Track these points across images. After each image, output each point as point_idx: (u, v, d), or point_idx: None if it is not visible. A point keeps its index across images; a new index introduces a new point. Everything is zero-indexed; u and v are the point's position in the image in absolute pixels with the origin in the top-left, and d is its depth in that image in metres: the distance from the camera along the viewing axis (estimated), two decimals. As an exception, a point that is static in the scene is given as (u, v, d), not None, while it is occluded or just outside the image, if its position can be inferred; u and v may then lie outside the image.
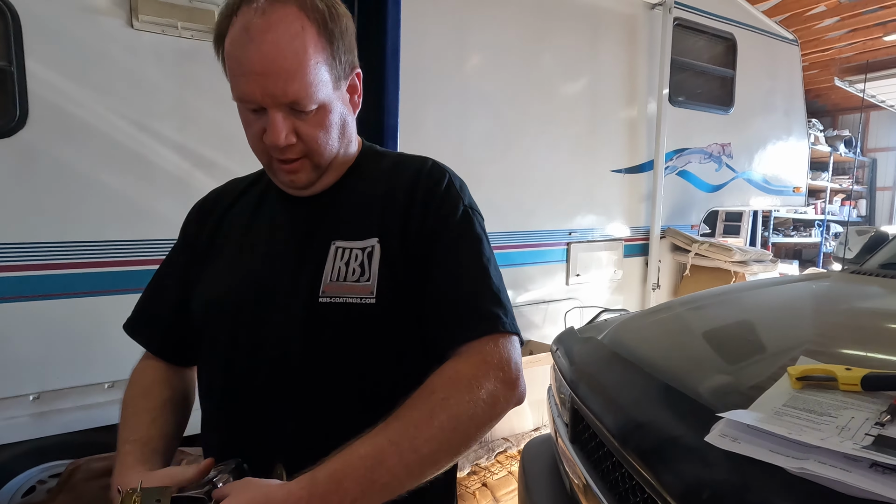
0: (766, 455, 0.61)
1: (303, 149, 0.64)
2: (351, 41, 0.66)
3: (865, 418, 0.64)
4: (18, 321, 1.63)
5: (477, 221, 0.71)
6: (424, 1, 2.18)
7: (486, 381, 0.58)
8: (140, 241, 1.79)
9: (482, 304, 0.63)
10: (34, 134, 1.60)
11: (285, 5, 0.59)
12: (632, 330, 1.26)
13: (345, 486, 0.51)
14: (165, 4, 1.75)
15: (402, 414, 0.57)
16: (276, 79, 0.58)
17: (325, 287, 0.64)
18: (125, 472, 0.59)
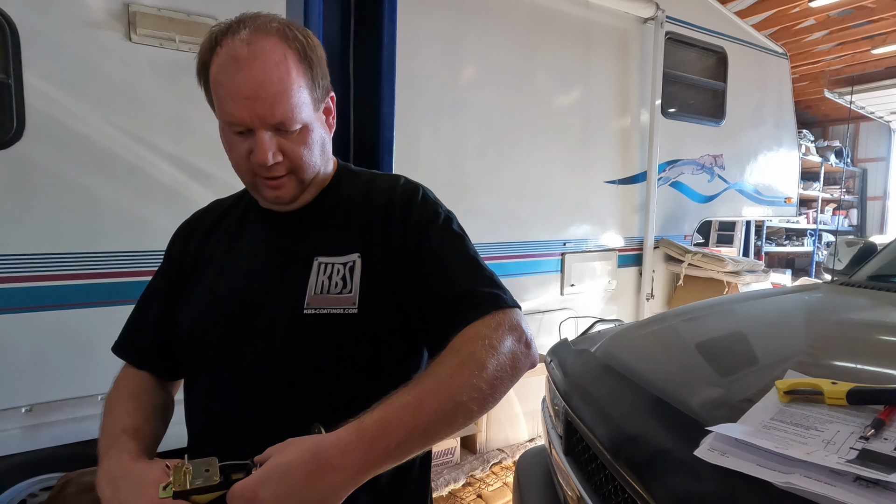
0: (754, 469, 0.62)
1: (288, 166, 0.67)
2: (325, 68, 0.71)
3: (850, 432, 0.66)
4: (11, 333, 1.63)
5: (455, 222, 0.75)
6: (419, 15, 2.22)
7: (505, 338, 0.62)
8: (135, 253, 1.79)
9: (482, 289, 0.66)
10: (31, 146, 1.60)
11: (267, 36, 0.63)
12: (624, 342, 1.27)
13: (390, 430, 0.54)
14: (163, 18, 1.77)
15: (434, 369, 0.60)
16: (263, 102, 0.62)
17: (310, 300, 0.67)
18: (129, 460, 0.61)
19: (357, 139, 1.45)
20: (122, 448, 0.64)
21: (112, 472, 0.61)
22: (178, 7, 1.79)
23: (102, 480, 0.62)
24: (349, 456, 0.52)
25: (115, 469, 0.61)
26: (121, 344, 0.81)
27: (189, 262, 0.78)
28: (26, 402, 1.66)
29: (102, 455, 0.65)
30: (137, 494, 0.57)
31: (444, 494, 2.25)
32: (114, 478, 0.60)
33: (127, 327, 0.82)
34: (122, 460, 0.62)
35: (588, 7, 2.80)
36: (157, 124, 1.81)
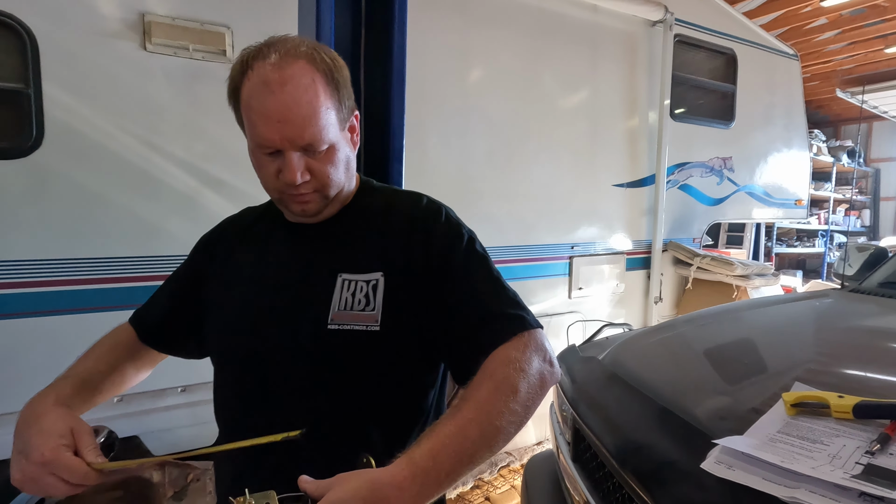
0: (760, 483, 0.63)
1: (315, 185, 0.70)
2: (350, 88, 0.73)
3: (856, 446, 0.66)
4: (30, 336, 1.67)
5: (478, 243, 0.76)
6: (426, 22, 2.23)
7: (532, 360, 0.65)
8: (149, 258, 1.82)
9: (506, 310, 0.69)
10: (49, 154, 1.64)
11: (297, 60, 0.65)
12: (631, 351, 1.28)
13: (440, 461, 0.56)
14: (177, 27, 1.80)
15: (471, 395, 0.62)
16: (293, 125, 0.65)
17: (334, 315, 0.69)
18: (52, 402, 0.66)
19: (367, 148, 1.47)
20: (61, 389, 0.69)
21: (34, 405, 0.66)
22: (191, 16, 1.82)
23: (26, 409, 0.66)
24: (405, 491, 0.53)
25: (38, 404, 0.66)
26: (136, 315, 0.87)
27: (219, 265, 0.81)
28: (44, 404, 1.70)
29: (48, 386, 0.71)
30: (41, 441, 0.60)
31: (453, 497, 2.27)
32: (32, 412, 0.65)
33: (145, 304, 0.88)
34: (47, 399, 0.67)
35: (596, 11, 2.80)
36: (171, 131, 1.84)
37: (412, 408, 0.75)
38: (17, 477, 0.63)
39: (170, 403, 1.89)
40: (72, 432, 0.62)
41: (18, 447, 0.63)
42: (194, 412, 1.94)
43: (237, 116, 0.71)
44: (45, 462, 0.59)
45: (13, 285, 1.64)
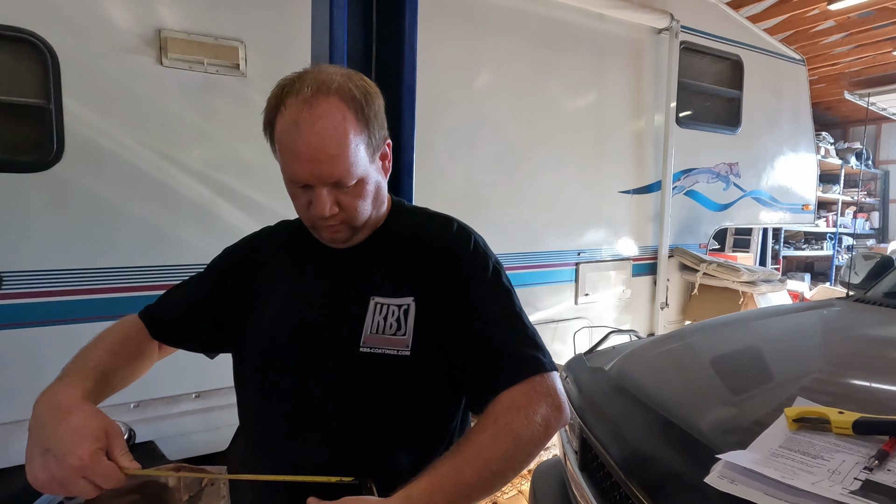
0: (762, 498, 0.65)
1: (343, 216, 0.72)
2: (383, 118, 0.74)
3: (855, 462, 0.69)
4: (51, 344, 1.71)
5: (503, 276, 0.78)
6: (435, 32, 2.26)
7: (539, 407, 0.66)
8: (164, 267, 1.87)
9: (523, 350, 0.70)
10: (69, 168, 1.69)
11: (328, 97, 0.66)
12: (637, 362, 1.31)
13: (435, 500, 0.59)
14: (192, 42, 1.84)
15: (472, 438, 0.65)
16: (321, 164, 0.66)
17: (366, 338, 0.72)
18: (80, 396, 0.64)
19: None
20: (83, 381, 0.67)
21: (59, 398, 0.63)
22: (206, 31, 1.87)
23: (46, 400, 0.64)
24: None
25: (63, 397, 0.63)
26: (149, 311, 0.85)
27: (251, 279, 0.82)
28: (64, 410, 1.74)
29: (62, 376, 0.69)
30: (76, 442, 0.58)
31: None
32: (56, 406, 0.62)
33: (160, 299, 0.87)
34: (74, 392, 0.64)
35: (602, 20, 2.83)
36: (185, 144, 1.88)
37: (438, 431, 0.77)
38: (42, 477, 0.59)
39: (184, 409, 1.94)
40: (105, 434, 0.61)
41: (43, 443, 0.60)
42: (207, 418, 1.98)
43: (271, 146, 0.72)
44: (82, 466, 0.58)
45: (34, 294, 1.69)
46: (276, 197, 2.03)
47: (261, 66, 1.96)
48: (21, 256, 1.66)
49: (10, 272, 1.64)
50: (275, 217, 1.98)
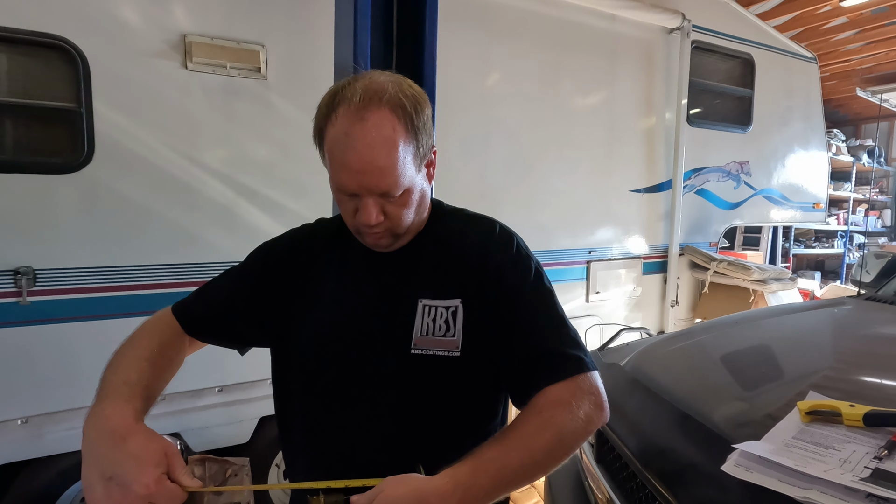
0: (776, 484, 0.69)
1: (388, 224, 0.73)
2: (431, 126, 0.74)
3: (865, 452, 0.73)
4: (82, 339, 1.78)
5: (545, 277, 0.80)
6: (448, 35, 2.30)
7: (583, 403, 0.69)
8: (188, 265, 1.93)
9: (567, 350, 0.73)
10: (99, 169, 1.75)
11: (379, 108, 0.66)
12: (652, 358, 1.35)
13: (479, 481, 0.62)
14: (216, 47, 1.90)
15: (518, 427, 0.68)
16: (371, 175, 0.68)
17: (416, 340, 0.74)
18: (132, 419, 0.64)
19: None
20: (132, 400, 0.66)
21: (113, 421, 0.62)
22: (229, 36, 1.92)
23: (99, 423, 0.62)
24: (446, 501, 0.60)
25: (116, 420, 0.62)
26: (183, 307, 0.85)
27: (294, 276, 0.82)
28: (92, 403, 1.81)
29: (108, 393, 0.67)
30: (140, 470, 0.58)
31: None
32: (112, 431, 0.61)
33: (195, 294, 0.87)
34: (126, 414, 0.63)
35: (614, 20, 2.85)
36: (208, 145, 1.94)
37: (483, 428, 0.80)
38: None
39: (207, 403, 2.00)
40: (165, 456, 0.61)
41: (103, 470, 0.59)
42: (229, 411, 2.04)
43: (320, 154, 0.73)
44: (148, 494, 0.58)
45: (66, 291, 1.76)
46: (296, 197, 2.09)
47: (281, 69, 2.01)
48: (54, 254, 1.72)
49: (44, 269, 1.71)
50: (294, 216, 2.04)
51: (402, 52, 1.58)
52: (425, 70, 1.51)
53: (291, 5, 2.01)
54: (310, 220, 0.93)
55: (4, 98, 1.66)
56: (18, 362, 1.70)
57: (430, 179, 0.79)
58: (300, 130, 2.12)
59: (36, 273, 1.69)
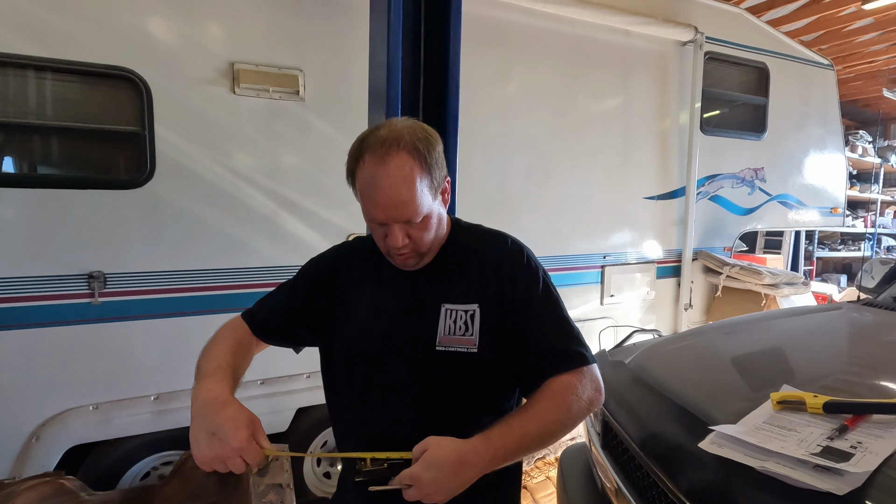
0: (741, 457, 0.84)
1: (413, 246, 0.89)
2: (442, 160, 0.90)
3: (821, 433, 0.87)
4: (143, 335, 2.01)
5: (551, 285, 0.96)
6: (470, 52, 2.47)
7: (586, 389, 0.86)
8: (237, 269, 2.14)
9: (571, 347, 0.89)
10: (159, 185, 1.98)
11: (399, 153, 0.82)
12: (654, 357, 1.49)
13: (506, 443, 0.79)
14: (260, 73, 2.11)
15: (536, 404, 0.84)
16: (395, 208, 0.83)
17: (440, 339, 0.90)
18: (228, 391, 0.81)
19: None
20: (225, 379, 0.83)
21: (215, 394, 0.79)
22: (271, 62, 2.13)
23: (205, 394, 0.79)
24: (480, 457, 0.76)
25: (218, 393, 0.79)
26: (251, 314, 1.02)
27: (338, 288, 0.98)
28: (154, 392, 2.04)
29: (207, 373, 0.84)
30: (235, 428, 0.74)
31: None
32: (214, 400, 0.78)
33: (259, 304, 1.04)
34: (224, 388, 0.80)
35: (628, 35, 2.98)
36: (254, 161, 2.15)
37: (499, 408, 0.96)
38: (208, 455, 0.74)
39: (251, 394, 2.20)
40: (252, 423, 0.77)
41: (208, 429, 0.75)
42: (270, 402, 2.25)
43: (353, 192, 0.90)
44: (240, 447, 0.74)
45: (131, 293, 1.98)
46: (331, 208, 2.28)
47: (317, 91, 2.21)
48: (121, 260, 1.95)
49: (113, 273, 1.94)
50: (329, 225, 2.25)
51: (429, 75, 1.75)
52: (450, 90, 1.69)
53: (326, 33, 2.21)
54: (344, 228, 1.11)
55: (80, 123, 1.90)
56: (91, 355, 1.94)
57: (446, 204, 0.95)
58: (335, 147, 2.33)
59: (106, 277, 1.92)
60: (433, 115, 1.71)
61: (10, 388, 1.84)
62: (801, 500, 0.77)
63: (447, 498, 0.76)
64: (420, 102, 1.74)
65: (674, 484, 0.96)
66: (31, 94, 1.83)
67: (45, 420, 1.88)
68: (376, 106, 1.73)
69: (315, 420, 2.34)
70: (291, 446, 1.09)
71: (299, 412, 2.30)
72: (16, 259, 1.81)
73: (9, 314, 1.82)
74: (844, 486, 0.74)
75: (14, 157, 1.90)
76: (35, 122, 1.85)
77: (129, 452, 2.06)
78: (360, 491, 0.81)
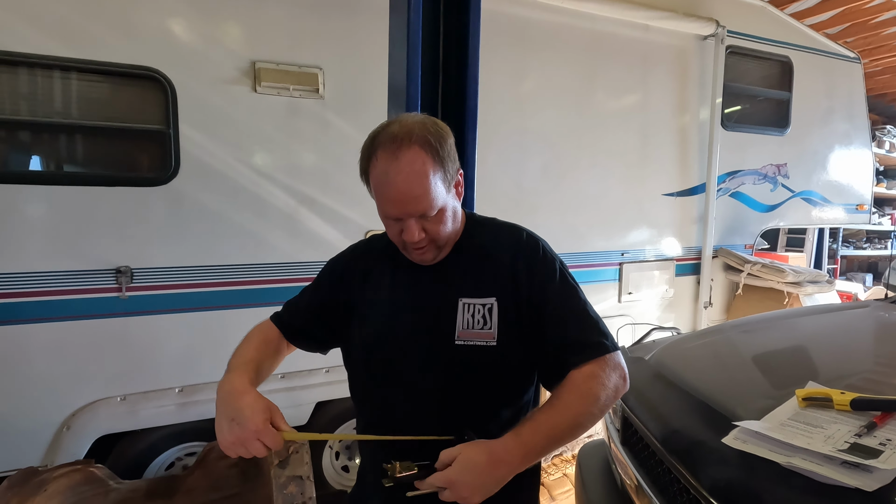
0: (766, 453, 0.83)
1: (429, 239, 0.88)
2: (454, 154, 0.89)
3: (848, 430, 0.86)
4: (167, 329, 2.06)
5: (568, 274, 0.95)
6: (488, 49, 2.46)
7: (611, 376, 0.86)
8: (258, 265, 2.17)
9: (591, 336, 0.88)
10: (183, 182, 2.02)
11: (410, 148, 0.82)
12: (674, 353, 1.48)
13: (537, 439, 0.79)
14: (280, 71, 2.14)
15: (562, 396, 0.84)
16: (409, 203, 0.83)
17: (459, 333, 0.90)
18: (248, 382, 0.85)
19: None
20: (247, 372, 0.87)
21: (236, 385, 0.83)
22: (291, 61, 2.16)
23: (227, 386, 0.83)
24: (513, 454, 0.77)
25: (238, 384, 0.83)
26: (278, 316, 1.05)
27: (358, 287, 0.99)
28: (179, 384, 2.09)
29: (231, 369, 0.89)
30: (252, 414, 0.77)
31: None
32: (234, 390, 0.81)
33: (286, 305, 1.06)
34: (244, 380, 0.84)
35: (647, 30, 2.94)
36: (275, 159, 2.18)
37: (517, 402, 0.96)
38: (229, 439, 0.78)
39: (272, 388, 2.24)
40: (269, 410, 0.80)
41: (229, 415, 0.79)
42: (290, 396, 2.28)
43: (367, 189, 0.89)
44: (257, 431, 0.76)
45: (156, 287, 2.03)
46: (349, 205, 2.31)
47: (336, 89, 2.24)
48: (146, 256, 2.00)
49: (139, 268, 1.99)
50: (347, 222, 2.27)
51: (448, 73, 1.76)
52: (468, 88, 1.69)
53: (345, 32, 2.23)
54: (362, 225, 1.11)
55: (107, 122, 1.95)
56: (119, 348, 1.99)
57: (460, 197, 0.95)
58: (354, 144, 2.30)
59: (133, 272, 1.97)
60: (452, 113, 1.72)
61: (43, 379, 1.90)
62: (827, 496, 0.77)
63: (483, 497, 0.77)
64: (439, 100, 1.74)
65: (696, 480, 0.95)
66: (60, 94, 1.88)
67: (76, 410, 1.94)
68: (395, 103, 1.74)
69: (334, 414, 2.37)
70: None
71: (318, 406, 2.34)
72: (47, 254, 1.87)
73: (40, 307, 1.88)
74: (873, 482, 0.73)
75: (44, 155, 1.96)
76: (64, 121, 1.91)
77: (154, 443, 2.12)
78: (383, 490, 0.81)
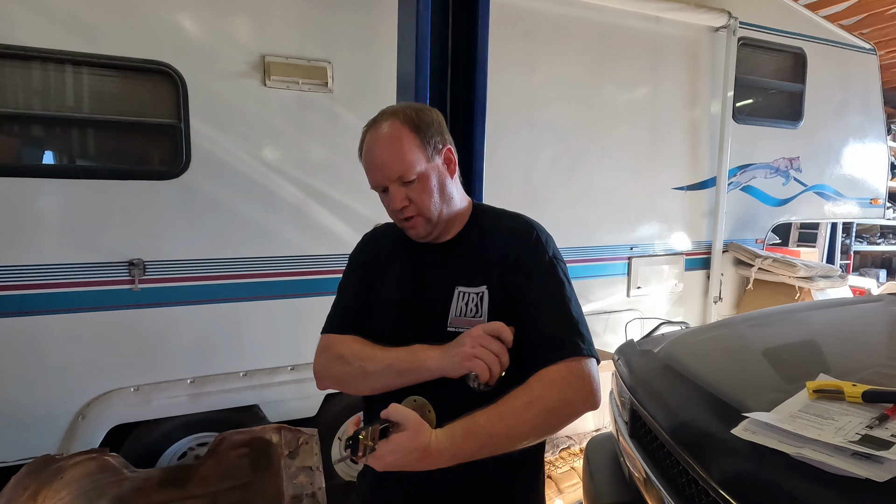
0: (776, 444, 0.83)
1: (415, 209, 0.90)
2: (437, 127, 0.92)
3: (860, 422, 0.85)
4: (179, 321, 2.08)
5: (560, 268, 0.93)
6: (497, 41, 2.46)
7: (569, 389, 0.80)
8: (268, 258, 2.19)
9: (564, 334, 0.84)
10: (194, 176, 2.04)
11: (388, 119, 0.90)
12: (683, 346, 1.47)
13: (469, 441, 0.77)
14: (290, 65, 2.15)
15: (510, 401, 0.81)
16: (384, 167, 0.88)
17: (451, 320, 0.91)
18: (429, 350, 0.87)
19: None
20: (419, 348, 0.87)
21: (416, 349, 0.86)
22: (300, 55, 2.16)
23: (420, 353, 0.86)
24: (443, 454, 0.76)
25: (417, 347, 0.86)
26: (338, 326, 1.01)
27: (375, 274, 1.01)
28: (190, 375, 2.12)
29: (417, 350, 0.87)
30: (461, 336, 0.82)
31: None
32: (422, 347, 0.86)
33: (340, 313, 1.03)
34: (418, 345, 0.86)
35: (658, 22, 2.91)
36: (284, 153, 2.20)
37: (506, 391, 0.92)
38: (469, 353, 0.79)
39: (282, 379, 2.27)
40: None
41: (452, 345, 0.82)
42: (300, 388, 2.31)
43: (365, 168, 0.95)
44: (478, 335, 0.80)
45: (168, 280, 2.06)
46: (358, 198, 2.32)
47: (345, 83, 2.24)
48: (159, 248, 2.03)
49: (152, 261, 2.02)
50: (356, 215, 2.28)
51: (457, 65, 1.76)
52: (477, 80, 1.69)
53: (354, 25, 2.23)
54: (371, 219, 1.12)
55: (120, 116, 1.97)
56: (132, 339, 2.02)
57: (451, 175, 0.95)
58: (362, 138, 2.35)
59: (146, 264, 2.00)
60: (461, 105, 1.72)
61: (58, 369, 1.94)
62: (837, 487, 0.76)
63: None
64: (448, 92, 1.75)
65: (705, 471, 0.95)
66: (72, 88, 1.91)
67: (90, 400, 1.98)
68: (405, 96, 1.75)
69: (342, 406, 2.39)
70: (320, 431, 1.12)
71: (327, 398, 2.36)
72: (61, 247, 1.90)
73: (55, 299, 1.91)
74: (884, 473, 0.72)
75: (57, 149, 1.99)
76: (77, 115, 1.93)
77: (167, 433, 2.15)
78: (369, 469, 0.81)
